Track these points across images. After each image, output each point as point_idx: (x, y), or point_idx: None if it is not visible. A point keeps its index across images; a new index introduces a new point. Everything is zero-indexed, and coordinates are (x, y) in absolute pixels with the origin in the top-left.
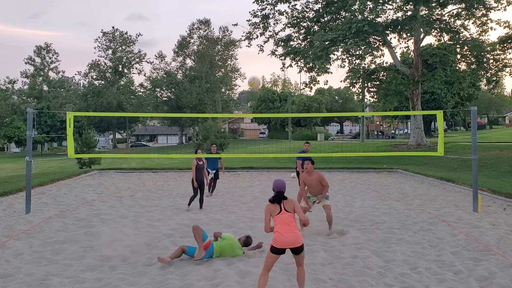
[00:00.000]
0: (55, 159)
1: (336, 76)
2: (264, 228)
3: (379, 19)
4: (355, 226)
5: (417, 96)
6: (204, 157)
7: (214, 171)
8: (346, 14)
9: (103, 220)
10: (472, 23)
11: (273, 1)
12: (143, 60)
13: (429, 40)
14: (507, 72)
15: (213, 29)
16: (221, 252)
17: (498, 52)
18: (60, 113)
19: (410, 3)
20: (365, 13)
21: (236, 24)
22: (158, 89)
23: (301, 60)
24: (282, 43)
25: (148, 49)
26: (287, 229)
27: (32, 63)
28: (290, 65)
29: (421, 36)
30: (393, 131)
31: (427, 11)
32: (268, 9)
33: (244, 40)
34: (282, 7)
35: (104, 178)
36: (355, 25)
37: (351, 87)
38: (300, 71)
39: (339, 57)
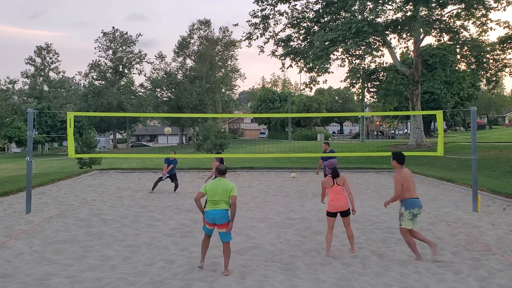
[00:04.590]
0: (55, 159)
1: (336, 76)
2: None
3: (379, 19)
4: (354, 226)
5: (417, 96)
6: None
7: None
8: (346, 15)
9: (103, 220)
10: (472, 23)
11: (273, 2)
12: (143, 60)
13: (429, 40)
14: (506, 72)
15: (213, 29)
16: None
17: (498, 52)
18: (61, 113)
19: (410, 3)
20: (365, 13)
21: (237, 24)
22: (158, 90)
23: (301, 61)
24: (282, 44)
25: (148, 49)
26: (338, 198)
27: (33, 63)
28: (290, 66)
29: (421, 36)
30: (393, 131)
31: (427, 12)
32: (268, 10)
33: (245, 40)
34: (282, 7)
35: (104, 178)
36: (355, 25)
37: (351, 87)
38: (300, 72)
39: (339, 57)
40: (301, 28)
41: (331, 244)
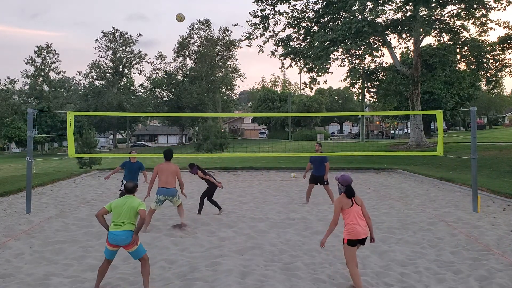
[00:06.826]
0: (55, 159)
1: (336, 76)
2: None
3: (379, 20)
4: None
5: (417, 96)
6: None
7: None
8: (346, 15)
9: None
10: (472, 23)
11: (273, 2)
12: (143, 60)
13: (429, 40)
14: (506, 72)
15: (213, 29)
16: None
17: (498, 52)
18: (61, 113)
19: (410, 3)
20: (365, 13)
21: (236, 25)
22: (158, 90)
23: (301, 61)
24: (282, 44)
25: (149, 49)
26: (359, 221)
27: (33, 63)
28: (290, 66)
29: (421, 37)
30: (392, 131)
31: (427, 12)
32: (268, 10)
33: (244, 40)
34: (282, 7)
35: None
36: (355, 25)
37: (351, 87)
38: (300, 72)
39: (339, 57)
40: (301, 28)
41: (360, 278)
